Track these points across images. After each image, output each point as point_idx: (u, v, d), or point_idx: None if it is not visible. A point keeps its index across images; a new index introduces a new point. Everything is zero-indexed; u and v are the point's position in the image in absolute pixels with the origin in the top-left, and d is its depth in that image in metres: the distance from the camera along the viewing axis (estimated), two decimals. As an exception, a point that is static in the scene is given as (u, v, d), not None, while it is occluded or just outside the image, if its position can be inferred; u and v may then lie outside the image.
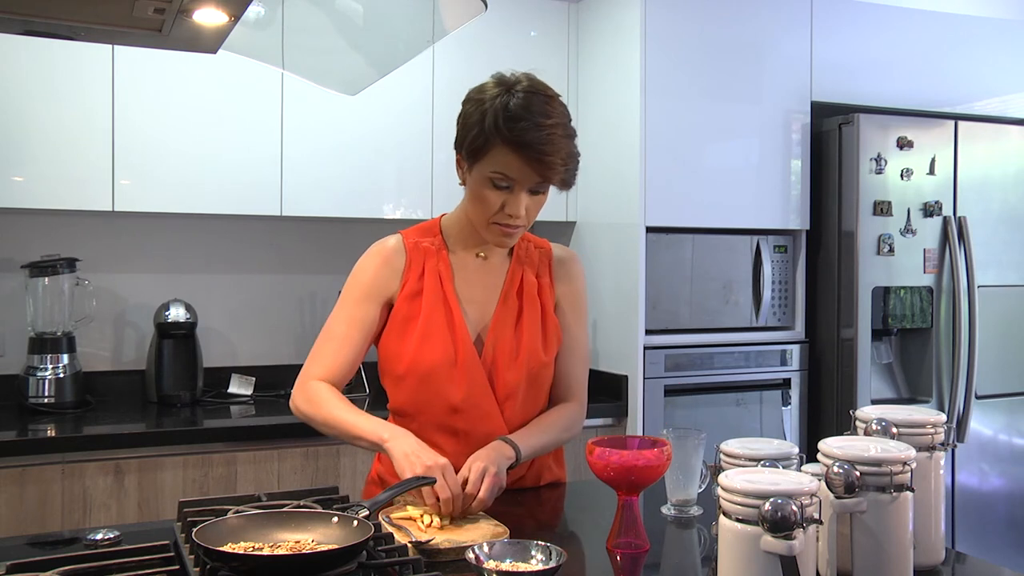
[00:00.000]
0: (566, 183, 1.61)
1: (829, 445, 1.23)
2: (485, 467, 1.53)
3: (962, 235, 3.16)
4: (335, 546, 1.19)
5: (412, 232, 1.74)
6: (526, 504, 1.69)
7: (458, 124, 1.65)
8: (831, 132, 3.13)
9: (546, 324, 1.73)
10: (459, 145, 1.64)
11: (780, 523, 1.03)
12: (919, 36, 3.30)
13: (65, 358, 2.72)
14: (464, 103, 1.65)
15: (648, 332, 2.92)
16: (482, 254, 1.73)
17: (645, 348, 2.90)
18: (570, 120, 1.62)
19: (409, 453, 1.52)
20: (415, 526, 1.43)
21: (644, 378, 2.90)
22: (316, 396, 1.66)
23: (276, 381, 3.06)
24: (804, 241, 3.16)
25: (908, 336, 3.21)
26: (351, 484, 2.58)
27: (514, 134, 1.53)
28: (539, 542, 1.21)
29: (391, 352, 1.69)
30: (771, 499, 1.04)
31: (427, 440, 1.66)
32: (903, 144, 3.08)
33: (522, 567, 1.17)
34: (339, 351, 1.69)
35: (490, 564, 1.17)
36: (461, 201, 1.73)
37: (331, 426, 1.64)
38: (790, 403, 3.12)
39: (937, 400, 3.16)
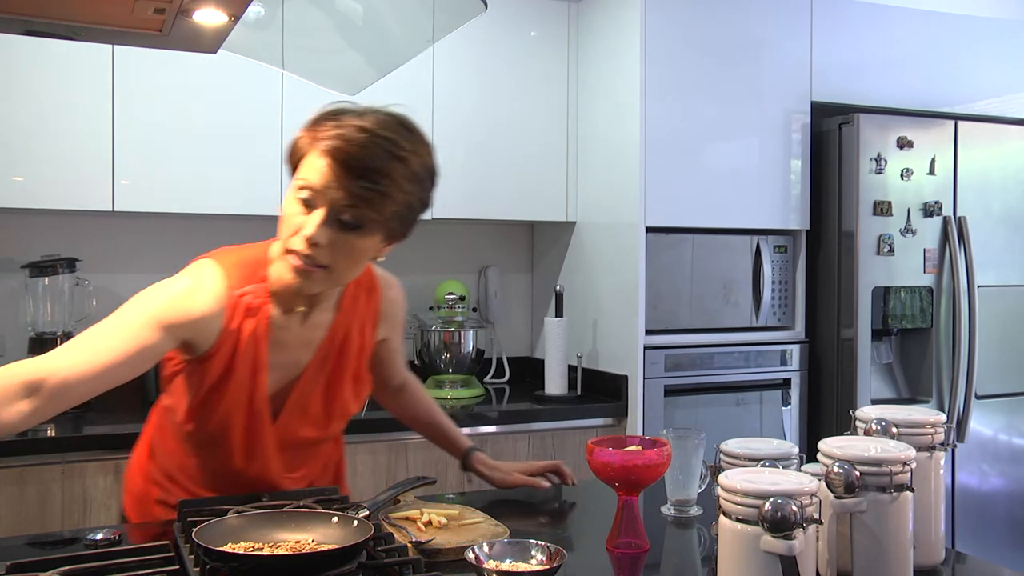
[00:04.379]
0: (390, 226, 1.35)
1: (829, 445, 1.23)
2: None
3: (962, 235, 3.16)
4: (335, 546, 1.19)
5: (238, 276, 1.45)
6: (527, 504, 1.69)
7: None
8: (831, 132, 3.12)
9: (359, 379, 1.58)
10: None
11: (780, 523, 1.03)
12: (919, 36, 3.30)
13: (65, 358, 2.72)
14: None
15: (648, 332, 2.92)
16: (301, 308, 1.48)
17: (645, 348, 2.90)
18: (428, 163, 1.39)
19: None
20: (415, 526, 1.43)
21: (644, 378, 2.90)
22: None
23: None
24: (804, 241, 3.16)
25: (908, 336, 3.21)
26: (351, 484, 2.57)
27: (325, 130, 1.32)
28: (539, 542, 1.21)
29: (180, 404, 1.54)
30: (771, 499, 1.04)
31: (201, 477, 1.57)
32: (903, 144, 3.07)
33: (522, 567, 1.17)
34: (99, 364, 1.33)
35: (490, 564, 1.17)
36: None
37: None
38: (790, 403, 3.11)
39: (937, 400, 3.16)
